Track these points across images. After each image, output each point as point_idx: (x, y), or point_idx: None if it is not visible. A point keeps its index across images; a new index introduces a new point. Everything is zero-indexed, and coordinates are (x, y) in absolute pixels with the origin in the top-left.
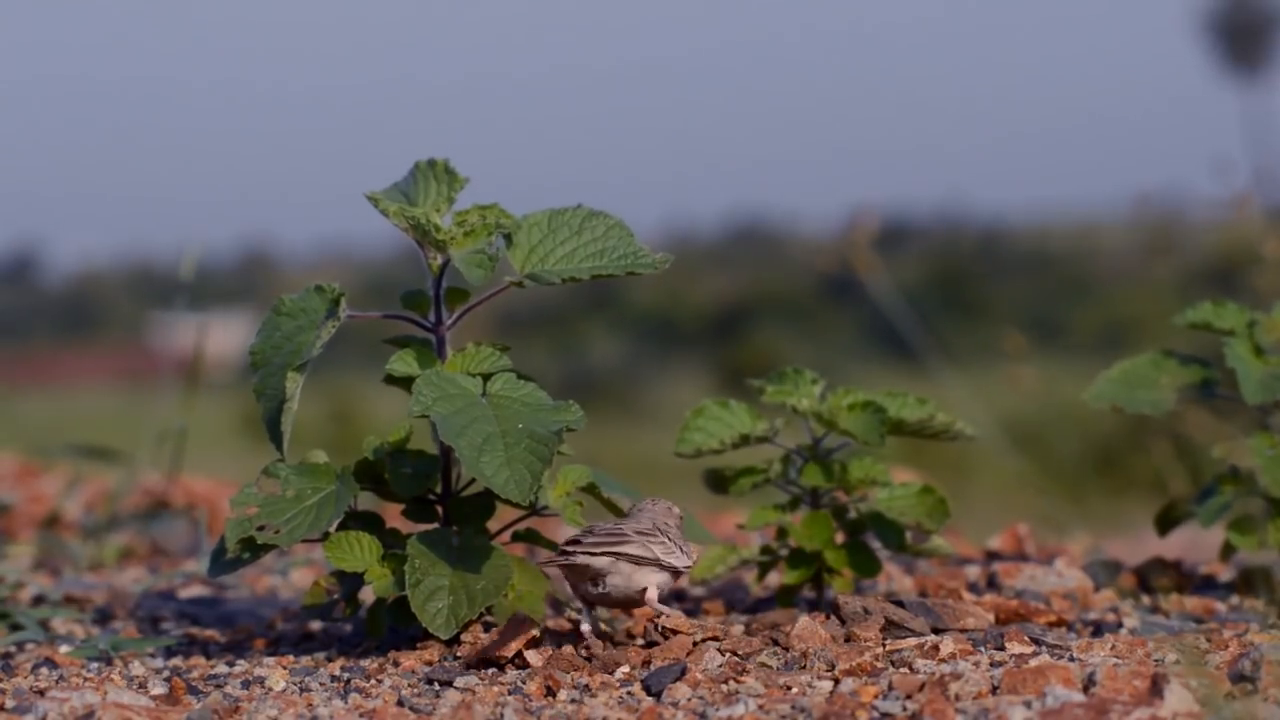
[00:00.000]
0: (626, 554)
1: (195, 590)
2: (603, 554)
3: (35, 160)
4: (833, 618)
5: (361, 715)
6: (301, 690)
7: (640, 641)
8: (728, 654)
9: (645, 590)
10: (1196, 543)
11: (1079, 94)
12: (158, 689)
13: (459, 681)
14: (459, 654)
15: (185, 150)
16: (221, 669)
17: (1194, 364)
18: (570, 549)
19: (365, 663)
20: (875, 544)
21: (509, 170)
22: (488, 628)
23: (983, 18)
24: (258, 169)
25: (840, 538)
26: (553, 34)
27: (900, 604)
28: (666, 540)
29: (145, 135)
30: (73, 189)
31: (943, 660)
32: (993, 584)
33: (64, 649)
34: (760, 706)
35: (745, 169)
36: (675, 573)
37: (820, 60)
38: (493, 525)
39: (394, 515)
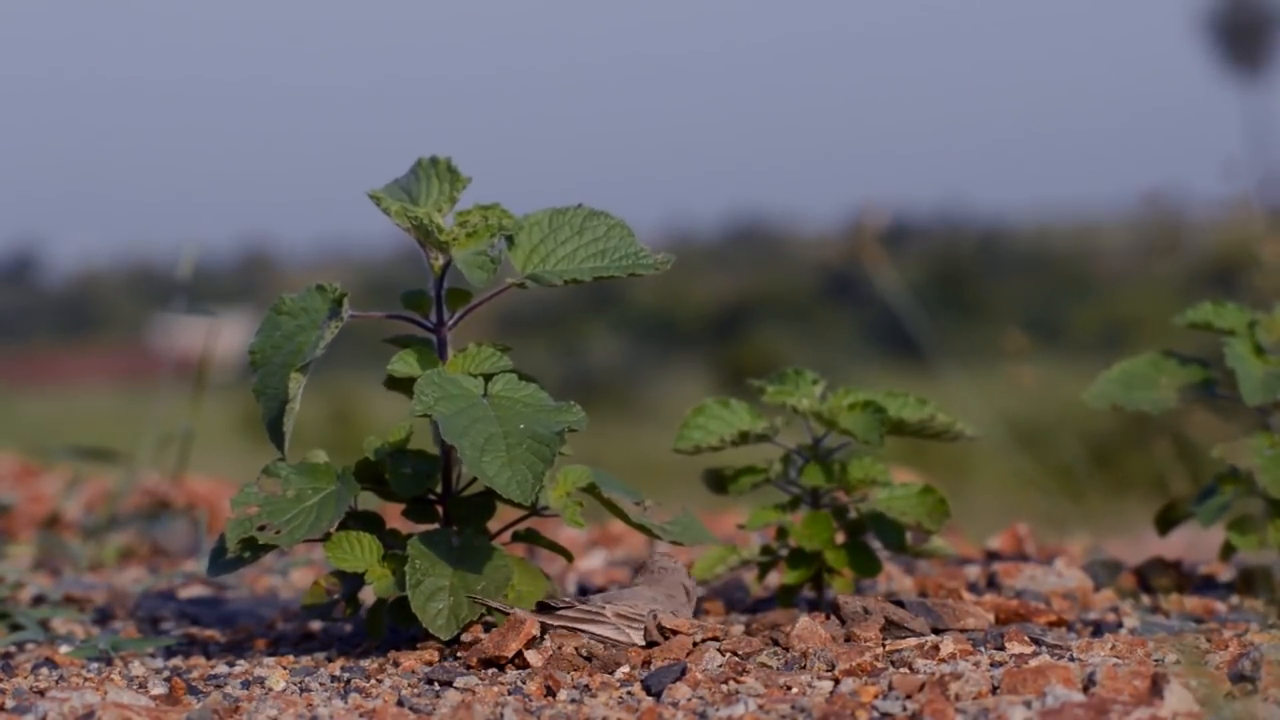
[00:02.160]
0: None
1: (195, 590)
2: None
3: (35, 160)
4: (833, 618)
5: (361, 715)
6: (301, 690)
7: (640, 642)
8: (728, 654)
9: None
10: (1196, 543)
11: (1079, 94)
12: (158, 689)
13: (459, 681)
14: (459, 654)
15: (185, 150)
16: (221, 669)
17: (1194, 364)
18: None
19: (365, 663)
20: (875, 544)
21: (508, 169)
22: (488, 628)
23: (982, 17)
24: (258, 169)
25: (840, 538)
26: (552, 33)
27: (900, 604)
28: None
29: (145, 135)
30: (73, 189)
31: (943, 660)
32: (993, 584)
33: (64, 649)
34: (760, 706)
35: (745, 169)
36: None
37: (820, 60)
38: (493, 525)
39: (394, 515)
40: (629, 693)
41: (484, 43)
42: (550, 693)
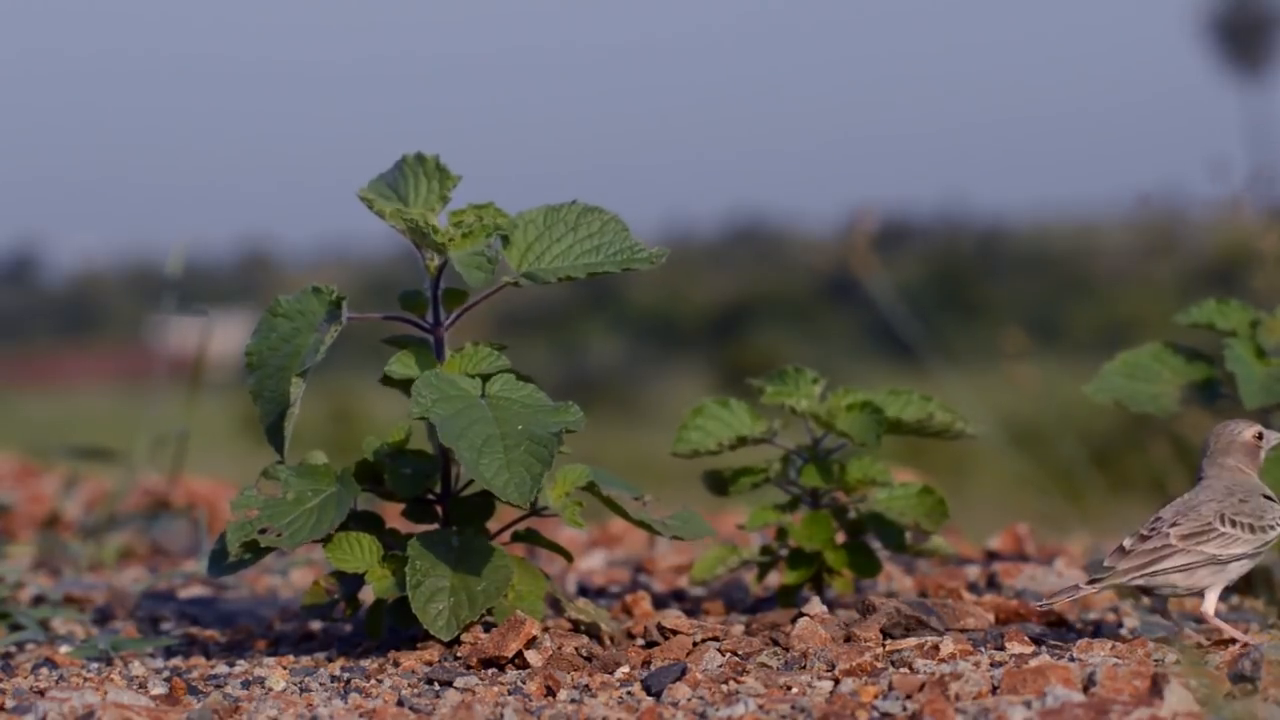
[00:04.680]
0: (1167, 569)
1: (195, 590)
2: (1142, 579)
3: (35, 159)
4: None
5: (361, 715)
6: (301, 690)
7: (640, 641)
8: (728, 654)
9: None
10: None
11: (1079, 93)
12: (158, 689)
13: (459, 681)
14: (459, 654)
15: (186, 150)
16: (221, 669)
17: (1197, 359)
18: (1104, 575)
19: (365, 663)
20: (875, 544)
21: (504, 170)
22: (488, 628)
23: (982, 17)
24: (258, 168)
25: (840, 538)
26: (552, 32)
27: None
28: (1224, 528)
29: (145, 135)
30: (72, 188)
31: (943, 660)
32: (993, 584)
33: (64, 649)
34: (760, 706)
35: (745, 168)
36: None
37: (820, 59)
38: (492, 525)
39: (394, 516)
40: (629, 693)
41: (482, 41)
42: (550, 693)
